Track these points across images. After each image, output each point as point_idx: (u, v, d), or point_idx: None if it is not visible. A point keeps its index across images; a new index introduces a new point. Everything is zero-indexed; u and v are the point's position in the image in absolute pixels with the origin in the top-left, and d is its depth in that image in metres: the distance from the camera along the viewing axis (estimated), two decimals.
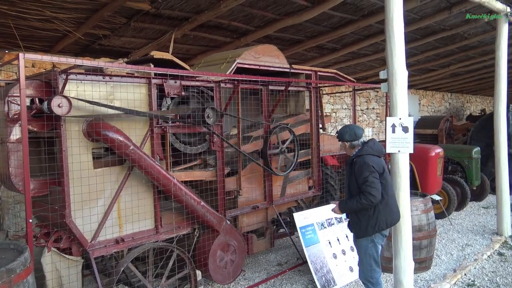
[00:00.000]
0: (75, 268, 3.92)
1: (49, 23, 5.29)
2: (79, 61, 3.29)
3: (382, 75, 4.57)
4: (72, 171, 3.78)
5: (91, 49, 6.85)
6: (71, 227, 3.76)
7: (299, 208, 6.46)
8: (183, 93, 4.58)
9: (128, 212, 4.17)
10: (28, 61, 6.25)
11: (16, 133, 3.70)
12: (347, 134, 4.05)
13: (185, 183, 4.70)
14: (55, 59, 3.15)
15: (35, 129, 3.78)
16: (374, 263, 3.97)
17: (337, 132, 4.21)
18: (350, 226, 4.13)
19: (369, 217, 3.86)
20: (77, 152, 3.82)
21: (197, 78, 4.82)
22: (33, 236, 4.11)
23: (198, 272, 4.50)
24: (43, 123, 3.74)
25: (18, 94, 3.65)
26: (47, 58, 3.13)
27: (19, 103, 3.69)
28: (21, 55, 2.96)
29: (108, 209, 4.03)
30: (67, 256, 3.88)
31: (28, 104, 3.88)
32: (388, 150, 4.43)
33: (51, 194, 3.92)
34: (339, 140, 4.18)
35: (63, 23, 5.32)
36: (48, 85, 3.76)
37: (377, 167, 3.82)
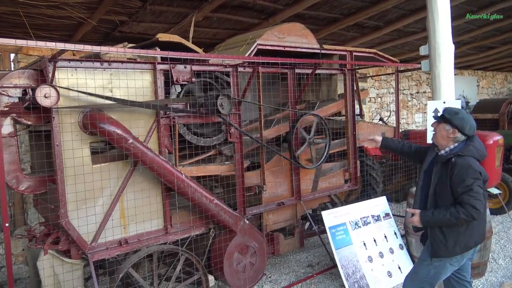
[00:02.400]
0: (75, 273, 3.62)
1: (60, 9, 5.02)
2: (60, 45, 2.92)
3: (423, 50, 3.87)
4: (68, 167, 3.46)
5: (112, 37, 6.57)
6: (67, 228, 3.45)
7: (334, 204, 5.86)
8: (194, 79, 4.13)
9: (133, 212, 3.81)
10: (47, 51, 6.05)
11: (8, 127, 3.44)
12: (468, 127, 3.04)
13: (202, 178, 4.30)
14: (32, 43, 2.78)
15: (28, 122, 3.52)
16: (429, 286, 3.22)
17: (448, 113, 3.09)
18: (424, 239, 3.41)
19: (458, 234, 3.05)
20: (73, 147, 3.49)
21: (211, 63, 4.36)
22: (33, 236, 3.90)
23: (211, 277, 4.07)
24: (36, 116, 3.45)
25: (9, 85, 3.41)
26: (22, 43, 2.76)
27: (10, 94, 3.45)
28: None
29: (110, 208, 3.70)
30: (66, 259, 3.59)
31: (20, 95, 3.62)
32: (429, 140, 3.73)
33: (48, 193, 3.63)
34: (450, 125, 3.06)
35: (74, 9, 5.03)
36: (42, 74, 3.47)
37: (484, 174, 3.00)
